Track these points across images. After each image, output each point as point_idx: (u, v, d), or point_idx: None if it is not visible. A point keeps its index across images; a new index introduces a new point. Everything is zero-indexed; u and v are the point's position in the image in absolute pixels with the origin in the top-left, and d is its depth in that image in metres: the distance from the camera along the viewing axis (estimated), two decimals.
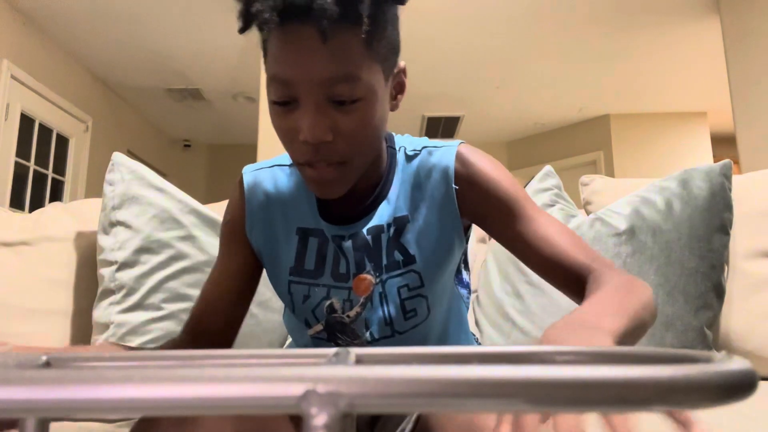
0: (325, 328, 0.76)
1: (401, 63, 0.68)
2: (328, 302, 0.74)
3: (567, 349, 0.23)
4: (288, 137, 0.62)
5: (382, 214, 0.72)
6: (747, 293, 1.16)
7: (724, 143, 6.18)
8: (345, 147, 0.61)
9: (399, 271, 0.73)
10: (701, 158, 5.69)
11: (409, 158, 0.74)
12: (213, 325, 0.75)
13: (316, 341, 0.78)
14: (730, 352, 1.13)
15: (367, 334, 0.75)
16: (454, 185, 0.71)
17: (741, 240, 1.19)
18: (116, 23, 4.17)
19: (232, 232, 0.78)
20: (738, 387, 0.16)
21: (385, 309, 0.73)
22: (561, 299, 1.15)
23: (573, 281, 0.65)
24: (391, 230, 0.72)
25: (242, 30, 0.61)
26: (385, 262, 0.73)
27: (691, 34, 4.26)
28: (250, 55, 4.52)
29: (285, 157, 0.79)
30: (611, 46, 4.47)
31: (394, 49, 0.65)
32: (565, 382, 0.16)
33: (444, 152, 0.73)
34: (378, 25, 0.59)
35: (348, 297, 0.74)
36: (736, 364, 0.16)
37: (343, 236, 0.72)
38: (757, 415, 0.81)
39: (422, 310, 0.74)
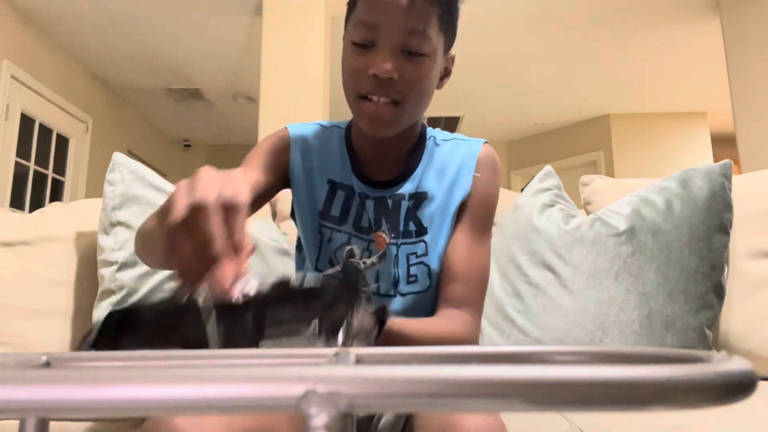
0: (342, 270, 0.85)
1: (453, 52, 0.81)
2: (348, 247, 0.84)
3: (567, 349, 0.23)
4: (357, 74, 0.74)
5: (405, 187, 0.83)
6: (747, 293, 1.16)
7: (724, 143, 6.18)
8: (403, 89, 0.73)
9: (411, 240, 0.83)
10: (701, 158, 5.69)
11: (438, 145, 0.86)
12: None
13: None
14: (730, 352, 1.13)
15: (375, 286, 0.84)
16: (475, 173, 0.83)
17: (741, 240, 1.19)
18: (116, 23, 4.17)
19: (271, 160, 0.84)
20: (738, 387, 0.16)
21: (395, 270, 0.83)
22: (561, 299, 1.15)
23: (442, 300, 0.79)
24: (411, 203, 0.83)
25: None
26: (402, 228, 0.83)
27: (691, 34, 4.26)
28: (250, 55, 4.52)
29: (324, 122, 0.91)
30: (611, 46, 4.47)
31: (454, 33, 0.79)
32: (565, 382, 0.16)
33: (472, 146, 0.86)
34: (451, 7, 0.75)
35: (367, 247, 0.84)
36: (736, 364, 0.16)
37: (368, 196, 0.83)
38: (757, 415, 0.81)
39: (423, 278, 0.83)
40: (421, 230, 0.83)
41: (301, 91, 3.33)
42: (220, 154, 6.97)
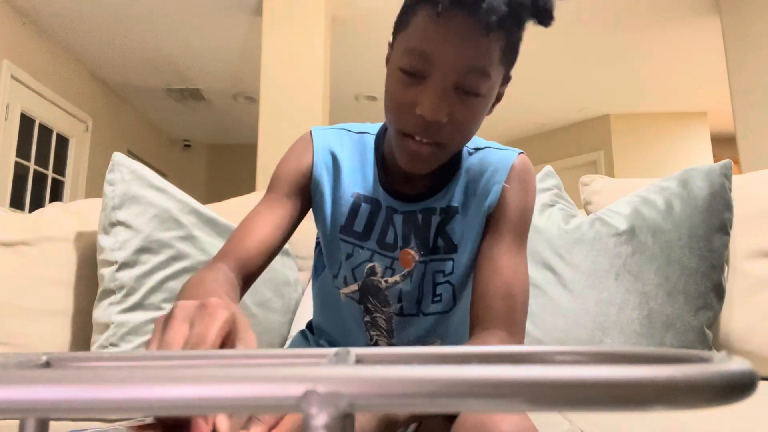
0: (360, 288, 0.80)
1: (511, 74, 0.72)
2: (370, 264, 0.78)
3: (567, 349, 0.23)
4: (402, 107, 0.66)
5: (437, 200, 0.77)
6: (747, 293, 1.16)
7: (724, 143, 6.18)
8: (451, 132, 0.66)
9: (439, 257, 0.77)
10: (701, 158, 5.69)
11: (471, 154, 0.79)
12: (257, 269, 0.73)
13: (348, 302, 0.82)
14: (730, 352, 1.13)
15: (398, 306, 0.79)
16: (505, 184, 0.76)
17: (741, 240, 1.19)
18: (116, 23, 4.17)
19: (296, 180, 0.78)
20: (738, 387, 0.16)
21: (421, 289, 0.78)
22: (561, 299, 1.15)
23: (476, 322, 0.69)
24: (441, 217, 0.77)
25: (409, 7, 0.65)
26: (431, 244, 0.77)
27: (691, 34, 4.26)
28: (250, 55, 4.52)
29: (353, 125, 0.83)
30: (611, 46, 4.47)
31: (515, 61, 0.70)
32: (565, 382, 0.16)
33: (505, 155, 0.79)
34: (518, 36, 0.65)
35: (390, 265, 0.78)
36: (736, 364, 0.16)
37: (396, 210, 0.77)
38: (757, 415, 0.81)
39: (447, 297, 0.78)
40: (451, 247, 0.77)
41: (301, 91, 3.33)
42: (220, 154, 6.97)
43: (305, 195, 0.79)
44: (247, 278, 0.72)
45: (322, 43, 3.38)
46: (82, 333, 1.14)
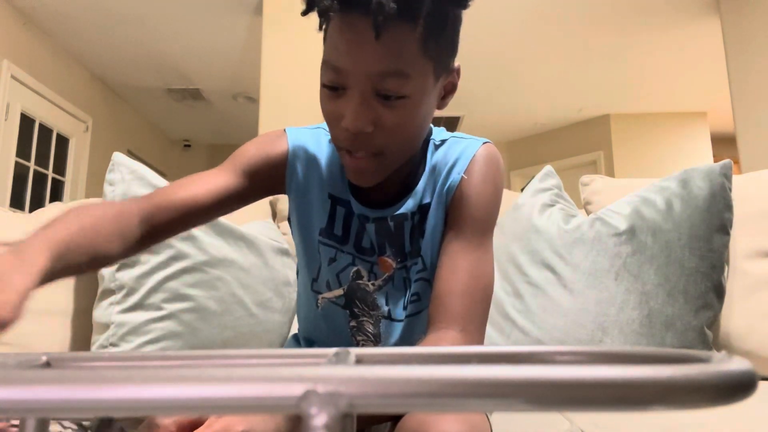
0: (346, 293, 0.78)
1: (456, 63, 0.68)
2: (354, 269, 0.77)
3: (567, 349, 0.23)
4: (332, 120, 0.64)
5: (407, 204, 0.74)
6: (747, 293, 1.16)
7: (724, 143, 6.18)
8: (383, 140, 0.62)
9: (416, 260, 0.75)
10: (701, 158, 5.69)
11: (437, 147, 0.76)
12: (170, 222, 0.68)
13: (330, 307, 0.80)
14: (730, 352, 1.13)
15: (386, 310, 0.77)
16: (463, 175, 0.72)
17: (741, 240, 1.19)
18: (116, 23, 4.17)
19: (255, 164, 0.74)
20: (738, 387, 0.16)
21: (407, 293, 0.76)
22: (561, 299, 1.15)
23: (431, 321, 0.66)
24: (416, 218, 0.74)
25: (304, 13, 0.63)
26: (408, 248, 0.75)
27: (691, 34, 4.26)
28: (250, 55, 4.52)
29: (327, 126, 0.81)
30: (611, 46, 4.47)
31: (450, 50, 0.65)
32: (565, 382, 0.16)
33: (469, 144, 0.75)
34: (436, 25, 0.59)
35: (371, 269, 0.77)
36: (736, 364, 0.16)
37: (368, 218, 0.74)
38: (757, 415, 0.81)
39: (425, 294, 0.76)
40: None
41: (301, 91, 3.33)
42: (220, 154, 6.96)
43: (258, 182, 0.74)
44: (156, 228, 0.66)
45: (321, 43, 3.38)
46: (82, 333, 1.14)
